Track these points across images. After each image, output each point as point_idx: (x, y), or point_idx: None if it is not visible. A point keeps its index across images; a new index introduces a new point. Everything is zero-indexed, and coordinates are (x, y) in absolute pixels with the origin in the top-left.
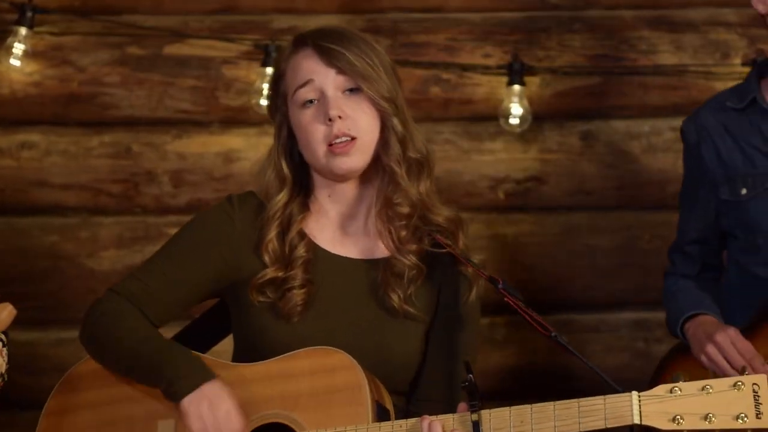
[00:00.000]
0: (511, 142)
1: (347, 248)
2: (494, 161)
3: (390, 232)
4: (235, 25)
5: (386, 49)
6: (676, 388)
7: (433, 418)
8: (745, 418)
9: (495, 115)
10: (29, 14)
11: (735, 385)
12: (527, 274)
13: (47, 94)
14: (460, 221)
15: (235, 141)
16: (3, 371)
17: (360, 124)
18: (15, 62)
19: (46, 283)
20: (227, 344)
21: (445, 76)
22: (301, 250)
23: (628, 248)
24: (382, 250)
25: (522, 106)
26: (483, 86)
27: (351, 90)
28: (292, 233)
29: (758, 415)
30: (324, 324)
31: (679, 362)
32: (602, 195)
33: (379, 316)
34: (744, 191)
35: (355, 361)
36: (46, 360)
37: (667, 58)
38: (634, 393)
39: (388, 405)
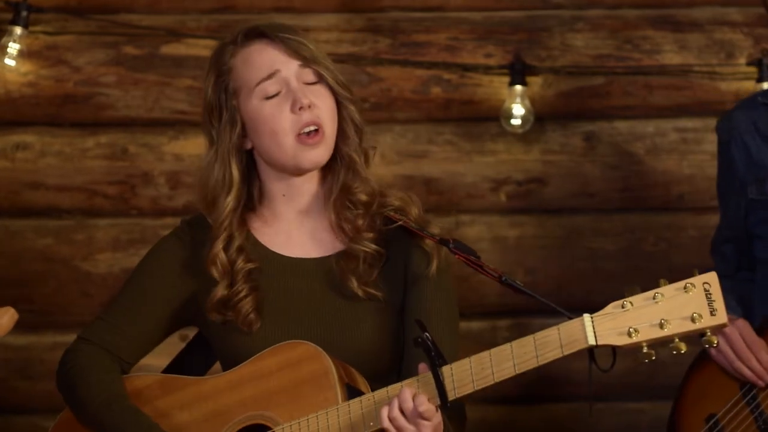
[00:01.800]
0: (513, 143)
1: (303, 248)
2: (496, 162)
3: (347, 221)
4: (233, 25)
5: (386, 49)
6: (627, 302)
7: (397, 385)
8: (700, 318)
9: (496, 116)
10: (24, 13)
11: (685, 288)
12: (529, 277)
13: (42, 94)
14: (411, 197)
15: None
16: None
17: (324, 113)
18: (10, 62)
19: (40, 286)
20: None
21: (446, 76)
22: (240, 263)
23: (632, 251)
24: (337, 244)
25: (524, 106)
26: (484, 86)
27: (311, 82)
28: (233, 247)
29: (713, 312)
30: (287, 326)
31: (705, 365)
32: (606, 197)
33: (341, 307)
34: None
35: (319, 349)
36: (41, 364)
37: (672, 57)
38: (586, 315)
39: (363, 387)
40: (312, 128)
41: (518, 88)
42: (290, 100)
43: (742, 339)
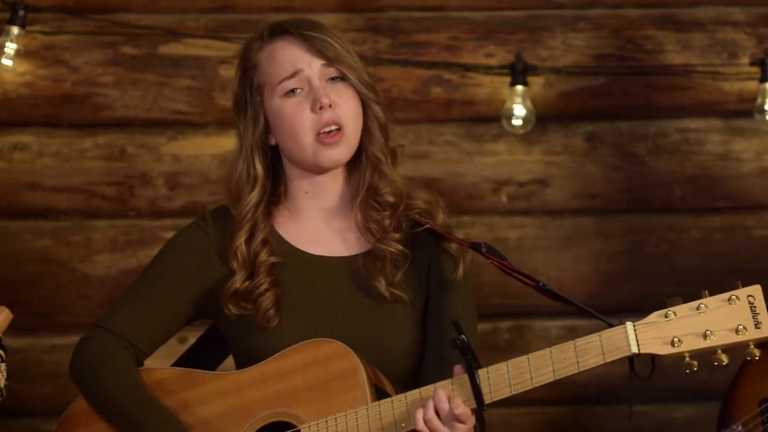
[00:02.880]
0: (514, 144)
1: (328, 245)
2: (497, 163)
3: (374, 221)
4: (232, 24)
5: (387, 49)
6: (671, 312)
7: (430, 387)
8: (745, 330)
9: (497, 116)
10: (21, 13)
11: (729, 299)
12: None
13: (40, 94)
14: (437, 200)
15: (231, 143)
16: (2, 386)
17: (346, 112)
18: (7, 62)
19: (38, 288)
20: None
21: (446, 76)
22: (263, 256)
23: (634, 252)
24: (364, 243)
25: (525, 106)
26: (485, 86)
27: (333, 78)
28: (257, 240)
29: (757, 325)
30: (308, 323)
31: (751, 372)
32: (608, 198)
33: (367, 306)
34: None
35: (347, 348)
36: (39, 366)
37: (674, 57)
38: (629, 323)
39: (388, 389)
40: (333, 128)
41: (519, 88)
42: (311, 99)
43: None
